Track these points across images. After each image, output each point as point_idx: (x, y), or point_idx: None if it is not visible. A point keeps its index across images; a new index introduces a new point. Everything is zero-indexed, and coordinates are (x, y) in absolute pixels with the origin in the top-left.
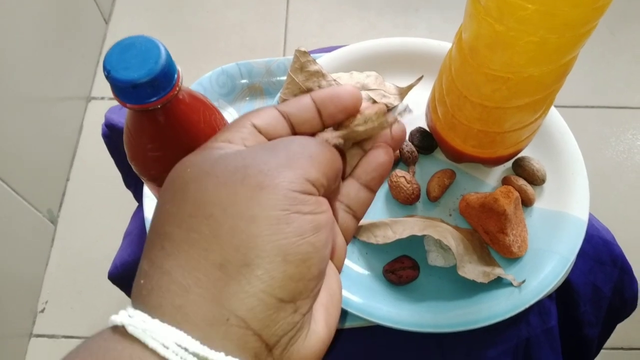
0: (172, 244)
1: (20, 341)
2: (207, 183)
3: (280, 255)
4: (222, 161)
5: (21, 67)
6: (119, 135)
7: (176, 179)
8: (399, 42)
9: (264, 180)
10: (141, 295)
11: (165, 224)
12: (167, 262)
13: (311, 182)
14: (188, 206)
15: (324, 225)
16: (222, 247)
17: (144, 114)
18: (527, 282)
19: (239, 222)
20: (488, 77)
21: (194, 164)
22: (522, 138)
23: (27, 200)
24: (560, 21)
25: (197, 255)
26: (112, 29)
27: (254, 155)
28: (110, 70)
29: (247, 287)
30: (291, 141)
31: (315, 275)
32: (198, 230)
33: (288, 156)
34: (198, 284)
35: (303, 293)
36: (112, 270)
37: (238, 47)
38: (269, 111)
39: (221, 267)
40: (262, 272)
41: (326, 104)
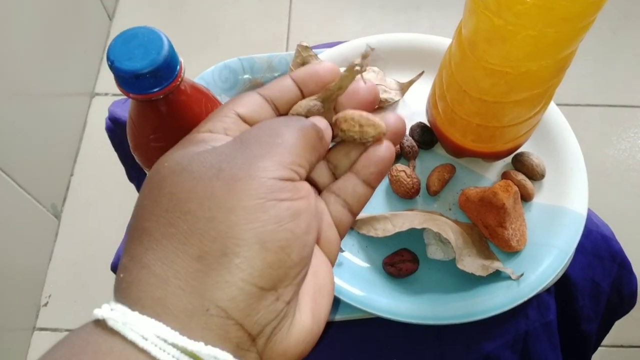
0: (150, 238)
1: (24, 334)
2: (183, 178)
3: (259, 243)
4: (198, 157)
5: (25, 63)
6: (122, 129)
7: (154, 175)
8: (400, 37)
9: (238, 173)
10: (121, 289)
11: (143, 220)
12: (146, 256)
13: (287, 168)
14: (165, 201)
15: (303, 211)
16: (199, 239)
17: (146, 104)
18: (525, 275)
19: (216, 214)
20: (487, 72)
21: (171, 160)
22: (521, 133)
23: (31, 194)
24: (558, 15)
25: (175, 248)
26: (115, 25)
27: (228, 150)
28: (113, 60)
29: (227, 277)
30: (260, 130)
31: (296, 262)
32: (175, 225)
33: (260, 146)
34: (177, 276)
35: (284, 280)
36: (115, 262)
37: (240, 44)
38: (252, 97)
39: (200, 258)
40: (241, 261)
41: (306, 82)
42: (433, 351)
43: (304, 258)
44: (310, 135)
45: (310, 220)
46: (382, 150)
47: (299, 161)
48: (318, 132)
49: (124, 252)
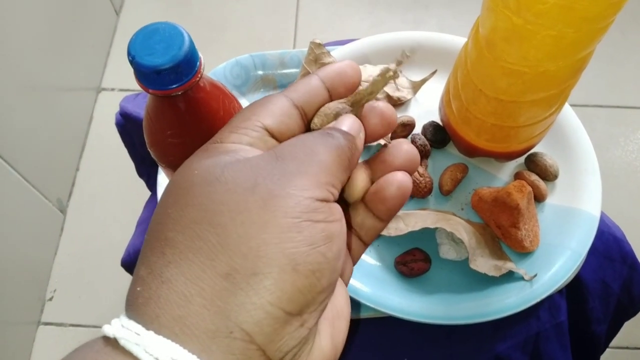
0: (174, 250)
1: (29, 329)
2: (215, 189)
3: (291, 264)
4: (231, 168)
5: (32, 57)
6: (133, 124)
7: (181, 182)
8: (412, 36)
9: (274, 189)
10: (137, 304)
11: (166, 229)
12: (168, 270)
13: (323, 188)
14: (193, 211)
15: (336, 235)
16: (229, 255)
17: (165, 100)
18: (538, 276)
19: (248, 230)
20: (504, 71)
21: (201, 168)
22: (536, 133)
23: (37, 189)
24: (578, 15)
25: (202, 263)
26: (122, 20)
27: (264, 164)
28: (134, 55)
29: (254, 299)
30: (297, 145)
31: (325, 287)
32: (204, 238)
33: (297, 162)
34: (201, 294)
35: (311, 306)
36: (125, 258)
37: (247, 40)
38: (280, 103)
39: (227, 276)
40: (271, 283)
41: (335, 84)
42: (443, 351)
43: (331, 284)
44: (345, 154)
45: (342, 244)
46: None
47: (333, 181)
48: (352, 152)
49: (141, 261)
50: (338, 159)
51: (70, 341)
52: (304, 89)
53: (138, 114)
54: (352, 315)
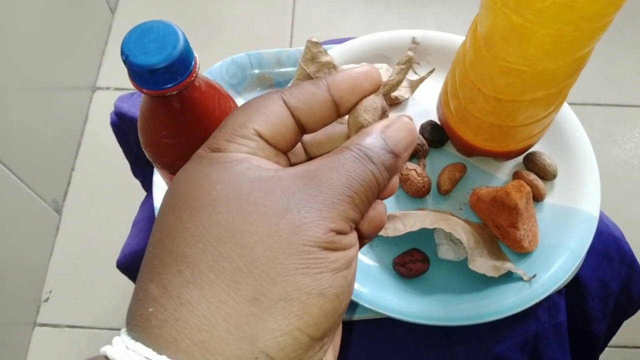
0: (194, 270)
1: (24, 330)
2: (243, 209)
3: (318, 289)
4: (260, 187)
5: (27, 56)
6: (128, 124)
7: (199, 194)
8: (410, 34)
9: (306, 217)
10: (148, 326)
11: (183, 245)
12: (187, 292)
13: (349, 224)
14: (217, 229)
15: (353, 259)
16: (256, 279)
17: (159, 100)
18: (537, 277)
19: (277, 255)
20: (503, 70)
21: (224, 181)
22: (535, 132)
23: (32, 189)
24: (578, 14)
25: (227, 287)
26: (118, 18)
27: (297, 187)
28: (128, 54)
29: (282, 324)
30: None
31: (344, 310)
32: (229, 259)
33: (332, 193)
34: (226, 318)
35: (332, 330)
36: (120, 259)
37: (244, 38)
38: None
39: (254, 301)
40: (300, 308)
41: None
42: (442, 351)
43: (347, 304)
44: (376, 188)
45: (356, 267)
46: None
47: (358, 217)
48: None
49: (149, 277)
50: (370, 196)
51: (66, 342)
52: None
53: (133, 114)
54: (347, 317)
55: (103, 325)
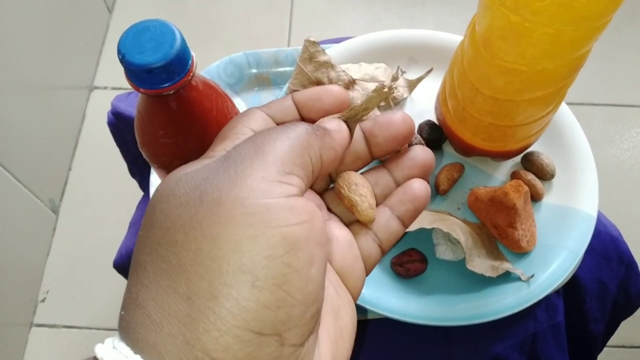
0: (146, 274)
1: (21, 330)
2: (170, 204)
3: (249, 280)
4: (185, 179)
5: (24, 55)
6: (125, 123)
7: (150, 201)
8: (408, 34)
9: (220, 195)
10: (121, 328)
11: (138, 252)
12: (141, 294)
13: (275, 181)
14: (155, 232)
15: (302, 239)
16: (187, 277)
17: (156, 100)
18: (535, 277)
19: (201, 246)
20: (501, 69)
21: (163, 183)
22: (533, 132)
23: (29, 188)
24: (577, 13)
25: (167, 287)
26: (115, 18)
27: (212, 167)
28: (124, 54)
29: (218, 324)
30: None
31: (300, 300)
32: (166, 259)
33: (241, 161)
34: (169, 319)
35: (287, 322)
36: (117, 259)
37: (242, 37)
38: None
39: (188, 300)
40: (232, 304)
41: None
42: (441, 352)
43: (308, 295)
44: (305, 140)
45: (314, 249)
46: (418, 188)
47: (293, 170)
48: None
49: (127, 284)
50: (297, 147)
51: (63, 343)
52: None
53: (130, 113)
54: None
55: (100, 326)
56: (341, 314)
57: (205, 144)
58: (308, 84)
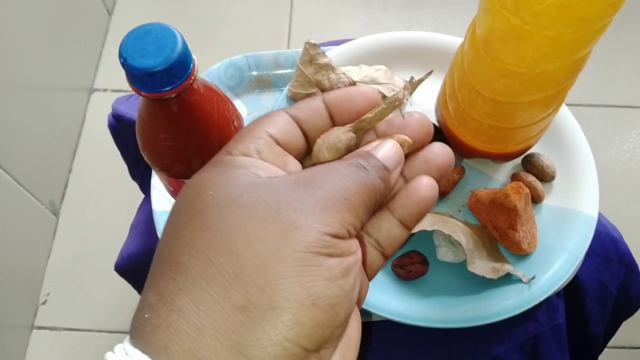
0: (186, 277)
1: (22, 333)
2: (232, 213)
3: (310, 299)
4: (251, 190)
5: (24, 57)
6: (125, 126)
7: (194, 201)
8: (408, 36)
9: (297, 220)
10: (144, 332)
11: (177, 253)
12: (179, 298)
13: (345, 227)
14: (207, 235)
15: (353, 267)
16: (245, 287)
17: (158, 103)
18: (536, 278)
19: (266, 261)
20: (501, 72)
21: (217, 187)
22: (533, 134)
23: (29, 191)
24: (577, 15)
25: (216, 294)
26: (115, 20)
27: (289, 190)
28: (126, 57)
29: (271, 334)
30: (328, 176)
31: (342, 320)
32: (218, 266)
33: (326, 196)
34: (215, 326)
35: (329, 341)
36: (118, 262)
37: (241, 39)
38: (281, 116)
39: (243, 309)
40: (289, 318)
41: (339, 109)
42: (441, 354)
43: (348, 315)
44: (375, 196)
45: (357, 275)
46: (424, 189)
47: (356, 223)
48: (384, 192)
49: (149, 286)
50: (368, 201)
51: (64, 345)
52: (305, 108)
53: (131, 116)
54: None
55: (101, 328)
56: (350, 325)
57: (206, 146)
58: (308, 87)
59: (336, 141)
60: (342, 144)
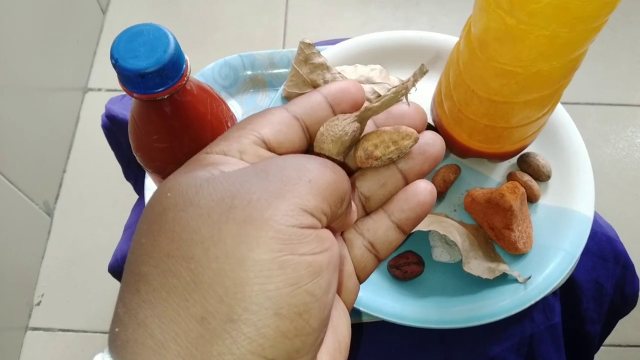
0: (148, 288)
1: (16, 334)
2: (188, 214)
3: (272, 308)
4: (207, 187)
5: (17, 57)
6: (119, 126)
7: (155, 205)
8: (404, 35)
9: (252, 213)
10: (116, 346)
11: (140, 262)
12: (143, 311)
13: (309, 213)
14: (165, 242)
15: (325, 268)
16: (203, 296)
17: (150, 104)
18: (532, 278)
19: (223, 266)
20: (497, 71)
21: (175, 188)
22: (529, 133)
23: (23, 191)
24: (572, 15)
25: (176, 305)
26: (109, 19)
27: (243, 180)
28: (117, 58)
29: (233, 348)
30: (285, 162)
31: (315, 328)
32: (177, 274)
33: (282, 181)
34: (177, 340)
35: (301, 350)
36: (112, 263)
37: (236, 39)
38: (279, 114)
39: (202, 320)
40: (251, 330)
41: (339, 100)
42: (437, 355)
43: (323, 321)
44: (340, 178)
45: (332, 276)
46: (423, 193)
47: (324, 207)
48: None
49: (119, 297)
50: (334, 184)
51: (58, 346)
52: (304, 103)
53: (124, 116)
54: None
55: (96, 329)
56: (339, 327)
57: (199, 148)
58: (303, 86)
59: (342, 133)
60: (348, 136)
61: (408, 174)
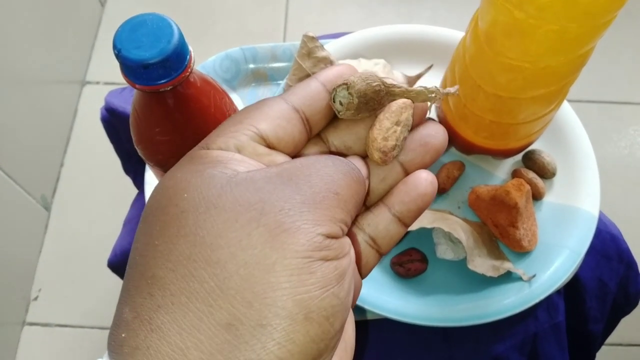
0: (164, 292)
1: (14, 329)
2: (212, 218)
3: (303, 312)
4: (231, 190)
5: (15, 49)
6: (119, 119)
7: (167, 206)
8: (409, 29)
9: (285, 221)
10: (122, 353)
11: (153, 265)
12: (158, 316)
13: (337, 225)
14: (186, 245)
15: (346, 271)
16: (230, 302)
17: (153, 96)
18: (536, 276)
19: (252, 271)
20: (504, 66)
21: (191, 189)
22: (535, 130)
23: (21, 185)
24: (581, 10)
25: (198, 310)
26: (107, 11)
27: (272, 187)
28: (120, 49)
29: (261, 354)
30: (313, 169)
31: (338, 330)
32: (199, 279)
33: (312, 192)
34: (199, 347)
35: (324, 353)
36: (111, 258)
37: (236, 33)
38: (278, 106)
39: (229, 327)
40: (281, 335)
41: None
42: (440, 353)
43: (343, 323)
44: (362, 188)
45: (352, 279)
46: (423, 184)
47: (347, 218)
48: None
49: (124, 300)
50: (356, 195)
51: (56, 341)
52: (302, 92)
53: (124, 110)
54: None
55: (93, 324)
56: (347, 329)
57: None
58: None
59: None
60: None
61: (409, 167)
